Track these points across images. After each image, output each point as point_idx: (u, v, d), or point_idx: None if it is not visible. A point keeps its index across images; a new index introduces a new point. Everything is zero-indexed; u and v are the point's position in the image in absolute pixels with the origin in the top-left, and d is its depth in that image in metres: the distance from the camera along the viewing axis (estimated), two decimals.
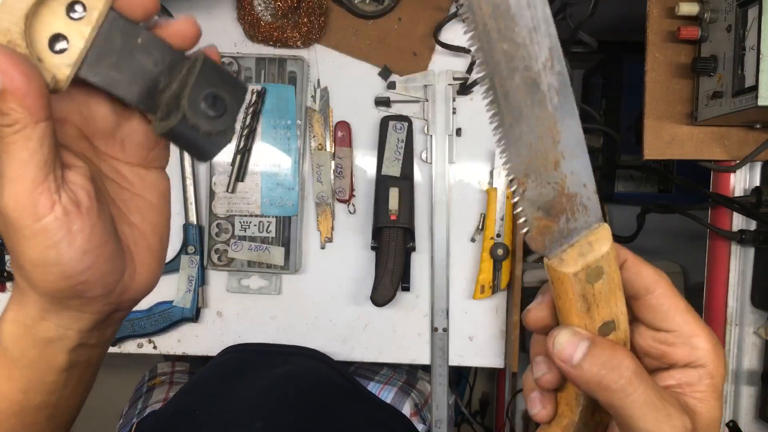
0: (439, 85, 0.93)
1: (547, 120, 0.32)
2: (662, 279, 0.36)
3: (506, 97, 0.32)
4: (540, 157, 0.33)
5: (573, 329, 0.34)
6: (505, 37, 0.31)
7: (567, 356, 0.34)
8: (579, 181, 0.34)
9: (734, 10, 0.78)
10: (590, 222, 0.34)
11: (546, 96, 0.32)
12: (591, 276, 0.34)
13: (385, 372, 1.01)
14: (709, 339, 0.36)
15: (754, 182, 0.89)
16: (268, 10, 0.91)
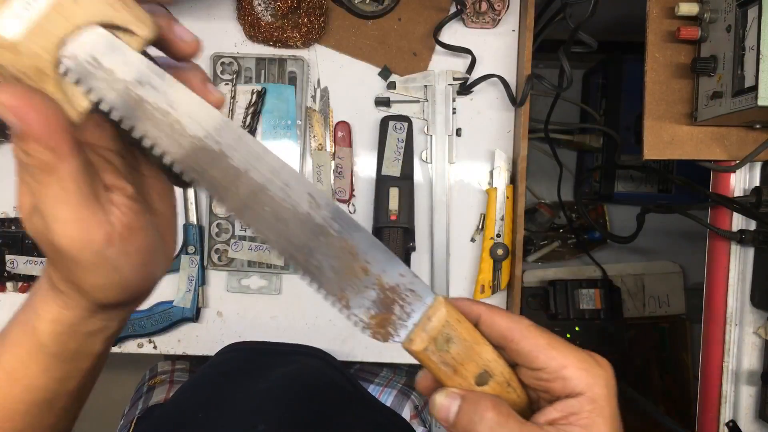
0: (439, 85, 0.93)
1: (337, 241, 0.37)
2: (517, 325, 0.38)
3: (290, 241, 0.36)
4: (347, 271, 0.37)
5: (447, 391, 0.37)
6: (266, 209, 0.36)
7: (444, 416, 0.37)
8: (393, 274, 0.37)
9: (734, 10, 0.78)
10: (424, 300, 0.38)
11: (325, 225, 0.36)
12: (441, 344, 0.37)
13: (385, 374, 1.01)
14: (579, 365, 0.36)
15: (753, 182, 0.89)
16: (268, 11, 0.91)
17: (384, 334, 0.38)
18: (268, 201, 0.35)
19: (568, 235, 1.58)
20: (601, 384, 0.36)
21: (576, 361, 0.36)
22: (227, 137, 0.34)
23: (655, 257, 1.60)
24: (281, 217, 0.36)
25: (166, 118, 0.33)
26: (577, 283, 1.37)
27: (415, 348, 0.37)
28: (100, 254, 0.33)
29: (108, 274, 0.35)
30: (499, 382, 0.38)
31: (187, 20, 0.94)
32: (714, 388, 0.92)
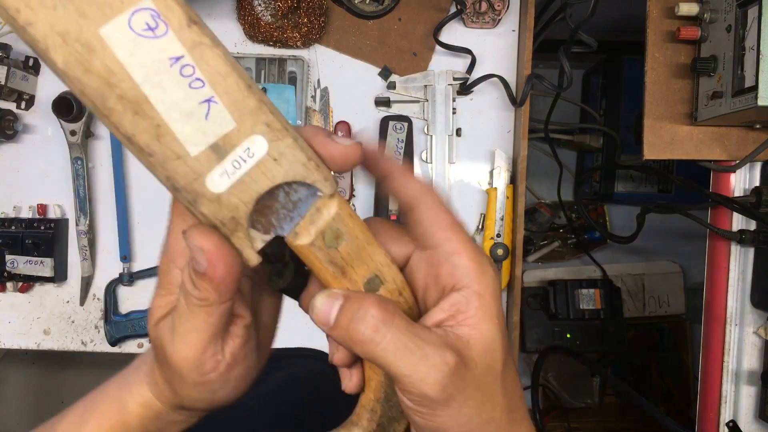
0: (439, 85, 0.93)
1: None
2: (426, 194, 0.35)
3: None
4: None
5: (328, 292, 0.33)
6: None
7: (324, 319, 0.33)
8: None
9: (734, 10, 0.78)
10: (314, 191, 0.34)
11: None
12: (330, 240, 0.34)
13: None
14: (472, 257, 0.33)
15: (753, 182, 0.89)
16: (268, 11, 0.92)
17: (264, 224, 0.33)
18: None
19: (568, 235, 1.58)
20: (488, 280, 0.34)
21: (469, 251, 0.34)
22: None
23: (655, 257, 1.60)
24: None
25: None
26: (577, 283, 1.37)
27: (300, 242, 0.34)
28: (203, 377, 0.35)
29: (204, 392, 0.36)
30: (390, 289, 0.36)
31: None
32: (714, 388, 0.92)
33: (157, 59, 0.29)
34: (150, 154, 0.30)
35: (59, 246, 0.95)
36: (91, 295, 0.98)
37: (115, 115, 0.29)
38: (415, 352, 0.31)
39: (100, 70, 0.28)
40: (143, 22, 0.28)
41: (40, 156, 0.97)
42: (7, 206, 0.96)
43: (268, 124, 0.31)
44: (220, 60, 0.30)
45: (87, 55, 0.28)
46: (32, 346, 0.98)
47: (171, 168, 0.30)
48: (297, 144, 0.32)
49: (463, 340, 0.33)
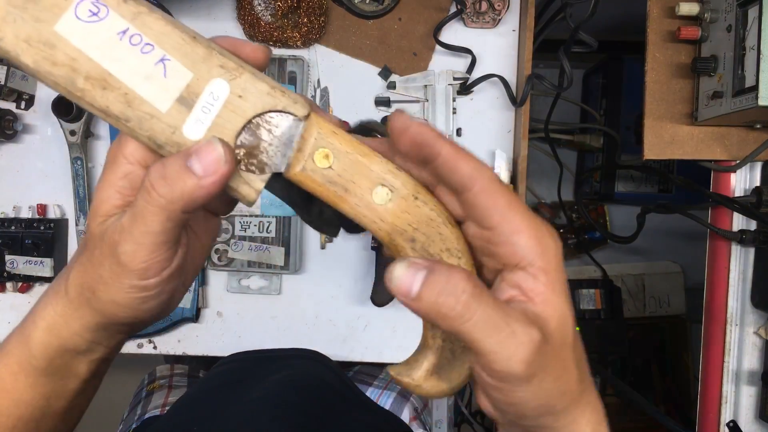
0: (439, 85, 0.93)
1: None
2: (481, 175, 0.33)
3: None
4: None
5: (408, 261, 0.32)
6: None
7: (405, 290, 0.32)
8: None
9: (734, 9, 0.77)
10: (296, 122, 0.35)
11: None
12: (321, 161, 0.35)
13: (384, 376, 1.01)
14: (532, 234, 0.33)
15: (754, 182, 0.89)
16: (268, 10, 0.91)
17: (259, 165, 0.35)
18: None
19: (568, 235, 1.58)
20: (550, 255, 0.33)
21: (528, 229, 0.33)
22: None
23: (656, 257, 1.60)
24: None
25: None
26: (578, 283, 1.37)
27: (294, 171, 0.35)
28: (144, 281, 0.35)
29: (133, 298, 0.36)
30: (404, 195, 0.35)
31: (186, 19, 0.94)
32: (714, 388, 0.92)
33: (108, 37, 0.33)
34: (127, 119, 0.34)
35: (59, 246, 0.95)
36: None
37: (87, 94, 0.33)
38: (504, 329, 0.31)
39: (64, 60, 0.33)
40: (87, 11, 0.33)
41: (40, 156, 0.97)
42: (6, 206, 0.96)
43: (222, 65, 0.34)
44: (160, 21, 0.33)
45: (50, 51, 0.33)
46: None
47: (148, 127, 0.34)
48: (256, 77, 0.34)
49: (540, 317, 0.32)
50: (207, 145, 0.33)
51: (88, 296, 0.36)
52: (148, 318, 0.38)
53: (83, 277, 0.37)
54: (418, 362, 0.37)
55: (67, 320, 0.38)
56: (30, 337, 0.38)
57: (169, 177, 0.33)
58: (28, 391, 0.39)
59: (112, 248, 0.34)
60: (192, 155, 0.33)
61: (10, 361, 0.39)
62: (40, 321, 0.38)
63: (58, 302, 0.38)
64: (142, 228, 0.33)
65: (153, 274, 0.35)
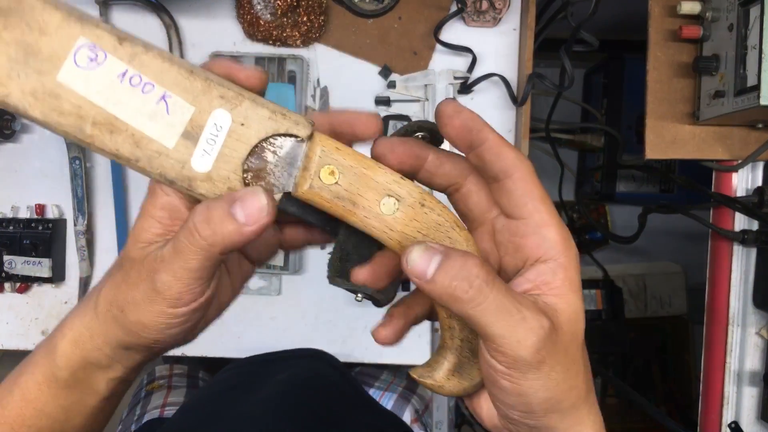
0: (439, 84, 0.93)
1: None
2: (522, 164, 0.36)
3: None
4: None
5: (425, 244, 0.33)
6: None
7: (421, 273, 0.33)
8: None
9: (736, 9, 0.77)
10: (301, 142, 0.36)
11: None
12: (327, 177, 0.36)
13: (385, 377, 1.01)
14: (559, 231, 0.35)
15: (756, 182, 0.89)
16: (268, 9, 0.91)
17: (267, 187, 0.36)
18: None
19: None
20: (573, 254, 0.35)
21: (557, 225, 0.35)
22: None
23: (657, 257, 1.60)
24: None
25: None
26: None
27: (302, 190, 0.36)
28: (175, 309, 0.36)
29: (160, 325, 0.37)
30: (411, 203, 0.36)
31: (185, 19, 0.94)
32: (716, 389, 0.91)
33: (109, 81, 0.34)
34: (137, 159, 0.35)
35: (57, 246, 0.95)
36: None
37: (97, 140, 0.34)
38: (514, 314, 0.32)
39: (70, 109, 0.34)
40: (85, 57, 0.34)
41: (38, 156, 0.96)
42: (5, 206, 0.96)
43: (222, 96, 0.35)
44: (157, 59, 0.34)
45: (56, 101, 0.34)
46: (30, 347, 0.98)
47: (158, 165, 0.35)
48: (256, 103, 0.35)
49: (551, 308, 0.34)
50: (252, 195, 0.34)
51: (116, 313, 0.38)
52: (167, 343, 0.39)
53: (115, 294, 0.38)
54: (439, 363, 0.38)
55: (92, 333, 0.39)
56: (56, 348, 0.40)
57: (212, 222, 0.34)
58: (49, 402, 0.40)
59: (150, 274, 0.36)
60: (236, 202, 0.34)
61: (36, 371, 0.41)
62: (67, 332, 0.40)
63: (86, 315, 0.39)
64: (181, 263, 0.35)
65: (183, 304, 0.36)
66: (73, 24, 0.33)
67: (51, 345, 0.40)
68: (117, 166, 0.94)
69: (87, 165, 0.94)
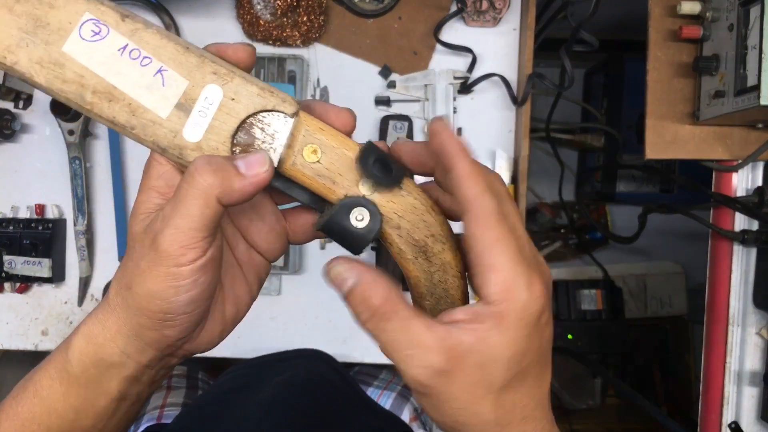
0: (439, 84, 0.93)
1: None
2: (480, 203, 0.34)
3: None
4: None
5: (342, 266, 0.36)
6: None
7: (336, 287, 0.37)
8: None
9: (736, 9, 0.77)
10: (286, 116, 0.38)
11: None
12: (309, 155, 0.38)
13: (384, 376, 1.01)
14: (507, 278, 0.34)
15: (756, 182, 0.89)
16: (268, 9, 0.91)
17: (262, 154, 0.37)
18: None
19: (569, 236, 1.58)
20: (515, 307, 0.33)
21: (507, 272, 0.33)
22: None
23: (657, 258, 1.60)
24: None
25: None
26: (579, 284, 1.37)
27: (286, 166, 0.38)
28: (180, 267, 0.36)
29: (167, 287, 0.37)
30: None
31: (185, 19, 0.94)
32: (716, 389, 0.91)
33: (110, 53, 0.36)
34: (132, 127, 0.37)
35: (57, 246, 0.95)
36: (90, 295, 0.97)
37: (96, 107, 0.37)
38: (403, 349, 0.34)
39: (72, 77, 0.36)
40: (90, 31, 0.36)
41: (38, 156, 0.96)
42: (5, 206, 0.96)
43: (214, 72, 0.37)
44: (155, 36, 0.37)
45: (60, 70, 0.36)
46: (30, 347, 0.98)
47: (152, 133, 0.37)
48: (246, 80, 0.37)
49: (462, 345, 0.34)
50: (255, 153, 0.37)
51: (125, 294, 0.38)
52: (180, 322, 0.39)
53: (122, 275, 0.39)
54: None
55: (104, 325, 0.39)
56: (70, 343, 0.40)
57: (212, 164, 0.35)
58: (60, 400, 0.40)
59: (153, 238, 0.36)
60: (237, 158, 0.36)
61: (50, 367, 0.41)
62: (82, 327, 0.40)
63: (99, 309, 0.40)
64: (182, 210, 0.35)
65: (188, 261, 0.36)
66: (80, 0, 0.36)
67: (66, 342, 0.41)
68: (117, 166, 0.94)
69: (87, 165, 0.94)
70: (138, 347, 0.40)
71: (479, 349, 0.34)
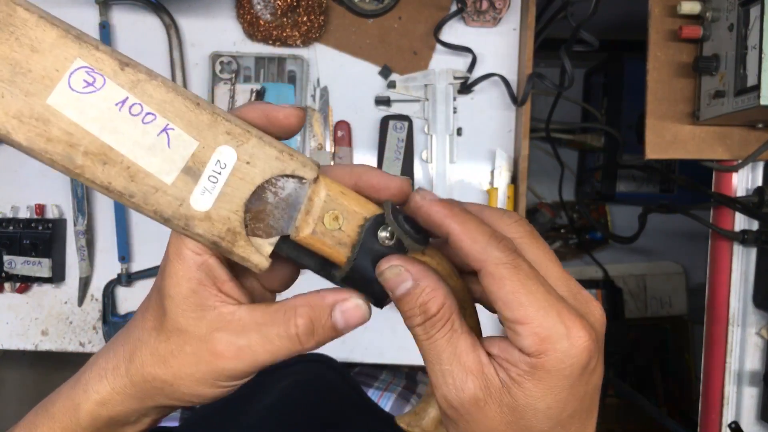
0: (439, 84, 0.93)
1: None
2: (487, 257, 0.32)
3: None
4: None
5: (398, 269, 0.34)
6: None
7: (389, 288, 0.34)
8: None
9: (736, 8, 0.77)
10: (302, 180, 0.34)
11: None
12: (330, 223, 0.34)
13: (385, 377, 1.01)
14: (540, 330, 0.30)
15: (756, 182, 0.89)
16: (268, 9, 0.91)
17: (266, 229, 0.34)
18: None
19: (569, 236, 1.57)
20: (554, 357, 0.30)
21: (537, 321, 0.30)
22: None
23: (657, 258, 1.60)
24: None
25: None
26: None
27: (303, 234, 0.34)
28: (236, 382, 0.37)
29: (218, 393, 0.37)
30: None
31: (185, 19, 0.94)
32: (716, 389, 0.91)
33: (106, 108, 0.31)
34: (131, 195, 0.32)
35: (57, 246, 0.95)
36: (90, 295, 0.97)
37: (87, 171, 0.31)
38: (444, 367, 0.32)
39: (59, 135, 0.31)
40: (81, 81, 0.31)
41: None
42: (5, 206, 0.96)
43: (228, 132, 0.33)
44: (161, 89, 0.32)
45: (44, 126, 0.30)
46: (30, 347, 0.98)
47: (154, 202, 0.32)
48: (263, 141, 0.33)
49: (496, 380, 0.32)
50: (356, 309, 0.36)
51: (161, 386, 0.37)
52: (211, 401, 0.39)
53: (160, 370, 0.37)
54: (426, 411, 0.38)
55: (124, 399, 0.38)
56: (80, 407, 0.38)
57: (317, 335, 0.35)
58: None
59: (214, 356, 0.36)
60: (337, 311, 0.35)
61: (55, 426, 0.39)
62: (93, 394, 0.38)
63: (116, 380, 0.38)
64: (268, 347, 0.36)
65: (244, 376, 0.37)
66: (70, 44, 0.31)
67: (72, 402, 0.39)
68: None
69: None
70: (161, 413, 0.40)
71: (513, 392, 0.31)
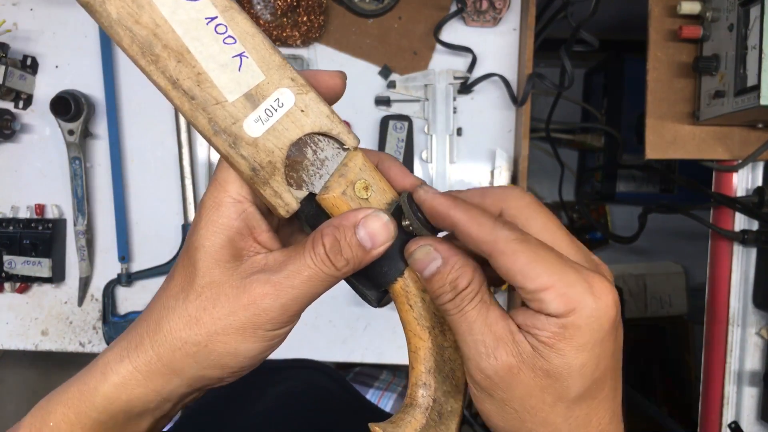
0: (439, 84, 0.92)
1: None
2: (496, 238, 0.32)
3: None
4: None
5: (427, 248, 0.35)
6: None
7: (419, 269, 0.35)
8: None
9: (736, 9, 0.77)
10: (339, 151, 0.38)
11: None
12: (360, 191, 0.37)
13: (385, 377, 1.01)
14: (564, 290, 0.31)
15: (756, 182, 0.89)
16: (268, 9, 0.91)
17: (297, 180, 0.37)
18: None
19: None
20: (583, 314, 0.31)
21: (561, 283, 0.31)
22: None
23: (657, 258, 1.60)
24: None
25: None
26: None
27: (332, 194, 0.36)
28: (274, 332, 0.37)
29: (257, 349, 0.37)
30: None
31: None
32: (716, 389, 0.91)
33: (195, 18, 0.34)
34: (192, 97, 0.35)
35: (57, 246, 0.95)
36: (90, 295, 0.97)
37: (161, 61, 0.34)
38: (478, 340, 0.33)
39: (147, 22, 0.33)
40: None
41: (38, 156, 0.96)
42: (4, 206, 0.95)
43: (293, 78, 0.36)
44: (247, 22, 0.35)
45: (137, 9, 0.33)
46: (30, 347, 0.98)
47: (211, 111, 0.35)
48: (320, 99, 0.37)
49: (528, 347, 0.32)
50: (377, 221, 0.35)
51: (192, 350, 0.36)
52: (246, 369, 0.38)
53: (190, 331, 0.36)
54: (405, 422, 0.37)
55: (147, 377, 0.36)
56: (96, 390, 0.37)
57: (345, 252, 0.35)
58: None
59: (252, 297, 0.36)
60: (361, 227, 0.35)
61: (69, 411, 0.37)
62: (112, 375, 0.36)
63: (140, 357, 0.36)
64: (303, 289, 0.37)
65: (282, 324, 0.37)
66: None
67: (87, 385, 0.37)
68: (117, 166, 0.94)
69: (87, 165, 0.94)
70: (186, 394, 0.38)
71: (546, 354, 0.31)
